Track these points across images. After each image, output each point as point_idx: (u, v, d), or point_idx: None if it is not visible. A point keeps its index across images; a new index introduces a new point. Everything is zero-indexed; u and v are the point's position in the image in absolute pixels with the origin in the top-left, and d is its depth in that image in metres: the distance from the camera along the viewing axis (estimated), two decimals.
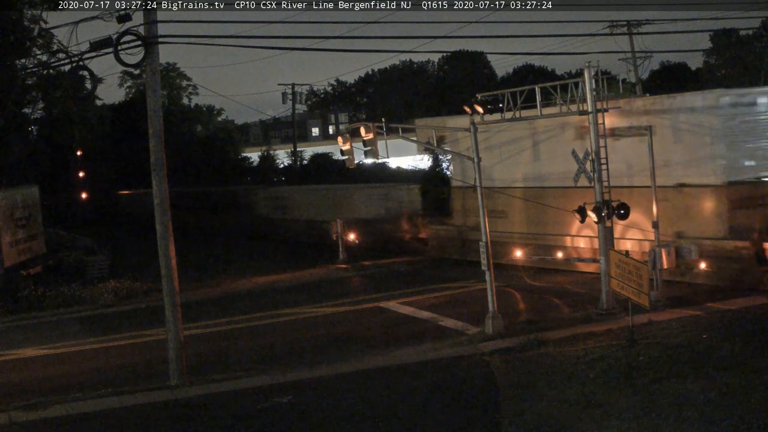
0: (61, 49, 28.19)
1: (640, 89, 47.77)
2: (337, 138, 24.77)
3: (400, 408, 15.52)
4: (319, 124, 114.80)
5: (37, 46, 33.84)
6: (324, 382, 17.66)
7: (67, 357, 22.12)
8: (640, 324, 19.18)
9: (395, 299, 26.66)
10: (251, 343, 22.57)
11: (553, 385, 15.79)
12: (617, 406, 14.14)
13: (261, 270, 35.20)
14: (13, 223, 32.78)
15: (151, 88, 18.39)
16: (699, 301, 21.79)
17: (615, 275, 19.00)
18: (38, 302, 29.21)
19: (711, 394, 14.12)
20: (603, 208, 21.59)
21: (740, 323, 19.17)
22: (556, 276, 27.89)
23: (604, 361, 16.85)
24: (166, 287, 18.52)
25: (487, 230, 21.03)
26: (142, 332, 24.26)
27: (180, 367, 18.26)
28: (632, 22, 50.32)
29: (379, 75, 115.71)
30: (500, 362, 17.95)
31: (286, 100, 67.08)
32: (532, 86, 24.21)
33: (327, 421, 15.04)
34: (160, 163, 18.39)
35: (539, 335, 19.44)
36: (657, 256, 22.15)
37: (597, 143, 22.02)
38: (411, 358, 19.18)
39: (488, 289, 20.82)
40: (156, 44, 18.03)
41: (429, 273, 31.70)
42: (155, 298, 26.99)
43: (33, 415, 16.30)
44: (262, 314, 25.89)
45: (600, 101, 22.25)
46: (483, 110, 22.34)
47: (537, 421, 13.94)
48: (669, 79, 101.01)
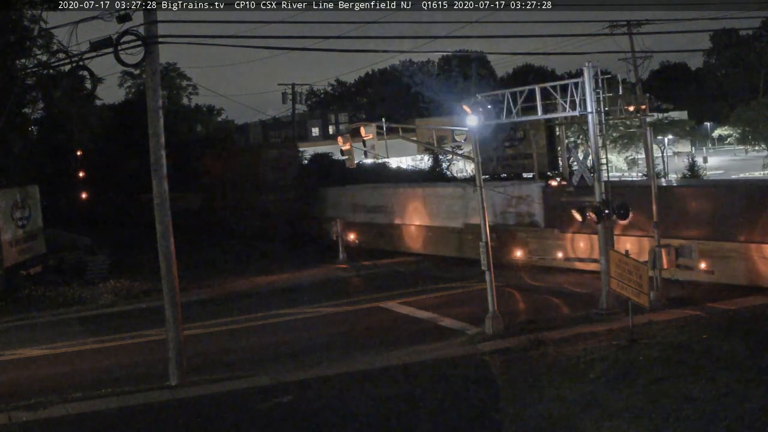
0: (61, 49, 28.09)
1: (640, 89, 47.77)
2: (337, 138, 24.78)
3: (400, 408, 15.51)
4: (319, 124, 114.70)
5: (37, 46, 33.81)
6: (324, 382, 17.65)
7: (67, 357, 22.10)
8: (640, 324, 19.18)
9: (395, 299, 26.67)
10: (251, 343, 22.57)
11: (553, 385, 15.79)
12: (617, 406, 14.14)
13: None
14: (13, 223, 32.78)
15: (151, 88, 18.38)
16: (699, 301, 21.81)
17: (615, 275, 19.01)
18: (38, 302, 29.20)
19: (711, 394, 14.12)
20: (603, 207, 21.61)
21: (740, 323, 19.19)
22: (556, 276, 27.90)
23: (604, 361, 16.86)
24: (166, 287, 18.53)
25: (487, 230, 21.03)
26: (142, 332, 24.24)
27: (180, 367, 18.25)
28: (632, 22, 50.32)
29: (379, 75, 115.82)
30: (500, 362, 17.95)
31: (286, 100, 67.03)
32: (532, 86, 24.21)
33: (327, 421, 15.04)
34: (160, 163, 18.39)
35: (539, 335, 19.43)
36: (657, 256, 22.16)
37: (597, 143, 22.03)
38: (411, 358, 19.17)
39: (488, 289, 20.82)
40: (156, 44, 18.02)
41: (429, 273, 31.70)
42: (155, 298, 26.98)
43: (33, 415, 16.28)
44: (262, 314, 25.89)
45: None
46: (483, 112, 22.35)
47: (537, 421, 13.94)
48: (669, 79, 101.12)
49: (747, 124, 68.85)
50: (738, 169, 67.36)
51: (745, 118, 68.48)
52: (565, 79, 26.45)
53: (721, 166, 72.26)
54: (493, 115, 24.04)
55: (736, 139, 74.49)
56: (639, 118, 26.21)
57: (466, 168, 51.19)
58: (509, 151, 35.83)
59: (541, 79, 39.42)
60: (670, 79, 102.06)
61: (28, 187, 35.70)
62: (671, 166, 59.43)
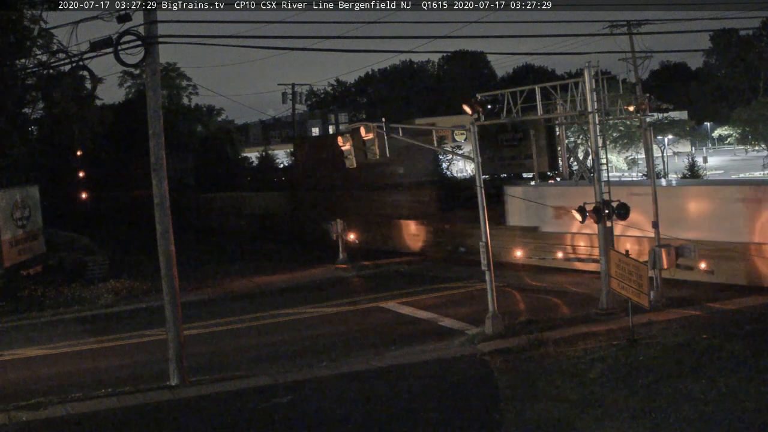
0: (61, 49, 28.09)
1: (640, 89, 47.79)
2: (337, 138, 24.78)
3: (400, 408, 15.51)
4: (319, 124, 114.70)
5: (37, 46, 33.79)
6: (324, 382, 17.65)
7: (67, 357, 22.10)
8: (640, 324, 19.18)
9: (395, 299, 26.67)
10: (251, 343, 22.57)
11: (553, 385, 15.78)
12: (617, 406, 14.14)
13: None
14: (13, 223, 32.79)
15: (151, 88, 18.38)
16: (699, 301, 21.81)
17: (615, 275, 19.00)
18: (38, 302, 29.16)
19: (711, 394, 14.12)
20: (603, 207, 21.61)
21: (740, 323, 19.18)
22: (556, 276, 27.90)
23: (604, 361, 16.85)
24: (166, 287, 18.53)
25: (487, 230, 21.02)
26: (142, 332, 24.24)
27: (180, 367, 18.24)
28: (632, 22, 50.40)
29: (379, 75, 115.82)
30: (500, 362, 17.94)
31: (286, 100, 67.09)
32: (532, 86, 24.23)
33: (327, 422, 15.03)
34: (160, 163, 18.38)
35: (539, 335, 19.42)
36: (657, 256, 22.17)
37: (597, 143, 22.04)
38: (411, 358, 19.17)
39: (488, 289, 20.82)
40: (156, 44, 18.02)
41: (429, 273, 31.69)
42: (155, 298, 26.98)
43: (33, 415, 16.27)
44: (262, 314, 25.89)
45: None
46: (482, 111, 22.33)
47: (537, 421, 13.94)
48: (669, 79, 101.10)
49: (747, 124, 68.83)
50: (738, 169, 67.37)
51: (745, 118, 68.47)
52: (565, 79, 26.48)
53: (721, 166, 72.26)
54: (493, 115, 24.03)
55: (736, 139, 74.45)
56: (639, 118, 26.24)
57: (466, 168, 51.23)
58: (509, 151, 35.84)
59: (541, 79, 39.47)
60: (670, 79, 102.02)
61: (28, 187, 35.72)
62: (671, 166, 59.43)
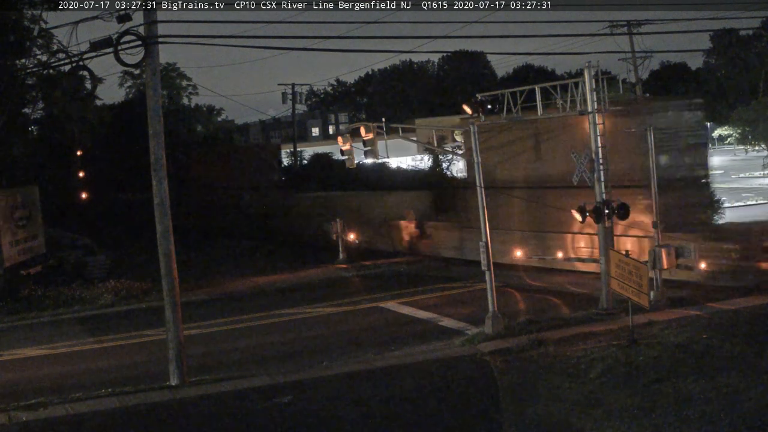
0: (61, 49, 28.14)
1: (641, 89, 47.80)
2: (337, 138, 24.82)
3: (400, 408, 15.52)
4: (319, 124, 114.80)
5: (37, 46, 33.75)
6: (324, 382, 17.65)
7: (67, 357, 22.10)
8: (640, 324, 19.17)
9: (395, 299, 26.66)
10: (251, 343, 22.57)
11: (553, 385, 15.79)
12: (617, 406, 14.14)
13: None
14: (13, 223, 32.75)
15: (151, 88, 18.38)
16: (699, 301, 21.80)
17: (615, 275, 18.99)
18: (38, 302, 29.17)
19: (711, 394, 14.12)
20: (603, 208, 21.60)
21: (740, 323, 19.17)
22: (556, 276, 27.89)
23: (604, 361, 16.85)
24: (166, 287, 18.53)
25: (487, 230, 21.02)
26: (142, 332, 24.24)
27: (180, 367, 18.25)
28: (632, 22, 50.38)
29: (379, 75, 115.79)
30: (500, 362, 17.95)
31: (286, 100, 67.02)
32: (532, 86, 24.20)
33: (327, 422, 15.04)
34: (160, 163, 18.39)
35: (539, 335, 19.43)
36: (657, 256, 22.15)
37: (597, 143, 22.02)
38: (411, 358, 19.18)
39: (488, 289, 20.82)
40: (156, 44, 18.03)
41: (429, 273, 31.68)
42: (155, 298, 26.97)
43: (33, 415, 16.28)
44: (262, 314, 25.88)
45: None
46: (482, 111, 22.33)
47: (537, 421, 13.95)
48: (669, 79, 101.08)
49: (747, 124, 68.75)
50: (738, 169, 67.33)
51: (745, 118, 68.38)
52: (565, 78, 26.46)
53: (721, 166, 72.17)
54: (493, 115, 24.02)
55: (736, 139, 74.37)
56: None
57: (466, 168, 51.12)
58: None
59: (541, 79, 39.48)
60: (670, 79, 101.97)
61: (28, 187, 35.69)
62: None
